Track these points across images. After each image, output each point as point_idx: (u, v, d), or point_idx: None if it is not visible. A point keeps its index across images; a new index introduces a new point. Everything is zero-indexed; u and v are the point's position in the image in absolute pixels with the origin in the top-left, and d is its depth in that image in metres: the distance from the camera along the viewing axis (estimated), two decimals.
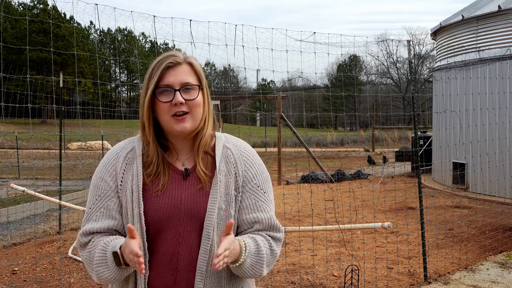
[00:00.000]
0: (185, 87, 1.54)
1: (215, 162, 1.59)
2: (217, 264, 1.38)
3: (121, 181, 1.57)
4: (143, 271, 1.37)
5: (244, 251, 1.50)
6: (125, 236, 1.56)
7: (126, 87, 66.02)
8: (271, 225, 1.62)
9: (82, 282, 5.19)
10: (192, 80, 1.56)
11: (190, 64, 1.58)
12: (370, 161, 19.33)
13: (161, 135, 1.61)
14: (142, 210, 1.52)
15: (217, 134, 1.67)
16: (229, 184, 1.58)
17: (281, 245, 1.67)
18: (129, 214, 1.54)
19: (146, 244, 1.52)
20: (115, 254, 1.45)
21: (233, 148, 1.64)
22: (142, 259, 1.36)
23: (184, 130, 1.54)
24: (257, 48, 4.86)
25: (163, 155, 1.59)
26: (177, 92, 1.52)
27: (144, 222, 1.52)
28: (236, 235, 1.64)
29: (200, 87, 1.58)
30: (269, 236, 1.61)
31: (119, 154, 1.61)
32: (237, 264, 1.50)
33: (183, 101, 1.52)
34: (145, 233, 1.52)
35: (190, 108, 1.54)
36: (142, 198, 1.53)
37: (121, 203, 1.57)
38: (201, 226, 1.54)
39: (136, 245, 1.38)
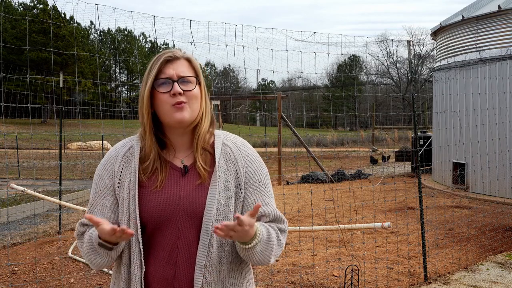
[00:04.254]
0: (182, 79, 1.58)
1: (214, 159, 1.62)
2: (224, 228, 1.40)
3: (119, 180, 1.61)
4: (129, 230, 1.43)
5: (258, 236, 1.52)
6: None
7: (126, 87, 66.03)
8: (276, 216, 1.66)
9: (82, 282, 5.19)
10: (190, 73, 1.61)
11: (188, 60, 1.63)
12: (372, 161, 19.33)
13: (160, 132, 1.64)
14: (138, 207, 1.56)
15: (216, 132, 1.70)
16: (228, 181, 1.61)
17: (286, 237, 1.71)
18: (125, 212, 1.57)
19: (141, 241, 1.56)
20: (101, 244, 1.52)
21: (232, 146, 1.68)
22: (122, 228, 1.42)
23: (183, 119, 1.57)
24: (257, 48, 4.86)
25: (160, 152, 1.62)
26: (175, 83, 1.57)
27: (139, 219, 1.56)
28: None
29: (198, 80, 1.62)
30: (277, 227, 1.65)
31: (118, 153, 1.65)
32: (247, 246, 1.52)
33: (181, 91, 1.56)
34: (140, 230, 1.55)
35: (188, 99, 1.58)
36: (137, 195, 1.57)
37: (118, 201, 1.61)
38: (200, 222, 1.56)
39: (107, 226, 1.43)
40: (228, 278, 1.61)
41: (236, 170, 1.63)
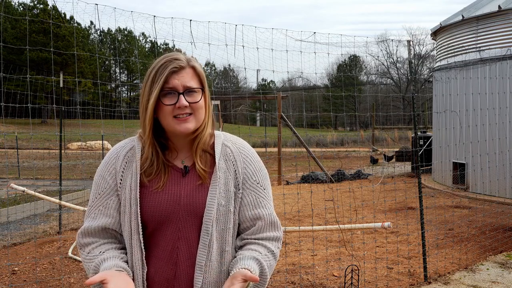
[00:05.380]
0: (188, 90, 1.57)
1: (214, 159, 1.63)
2: None
3: (121, 179, 1.60)
4: None
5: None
6: (120, 234, 1.62)
7: (126, 87, 66.03)
8: (271, 221, 1.65)
9: (82, 282, 5.19)
10: (195, 83, 1.59)
11: (193, 68, 1.61)
12: (372, 161, 19.33)
13: (162, 135, 1.64)
14: (139, 207, 1.56)
15: (216, 132, 1.70)
16: (228, 181, 1.61)
17: (281, 243, 1.70)
18: (127, 212, 1.58)
19: (142, 241, 1.56)
20: None
21: (232, 146, 1.67)
22: None
23: (187, 131, 1.57)
24: (257, 48, 4.86)
25: (162, 155, 1.62)
26: (181, 96, 1.55)
27: (140, 219, 1.56)
28: (238, 234, 1.66)
29: (203, 90, 1.61)
30: (269, 240, 1.64)
31: (119, 153, 1.64)
32: None
33: (187, 104, 1.56)
34: (141, 230, 1.56)
35: (193, 110, 1.58)
36: (139, 196, 1.57)
37: (120, 201, 1.61)
38: (200, 222, 1.57)
39: None
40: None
41: (235, 170, 1.63)
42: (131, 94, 64.42)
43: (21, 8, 53.33)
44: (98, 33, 63.05)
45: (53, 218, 9.16)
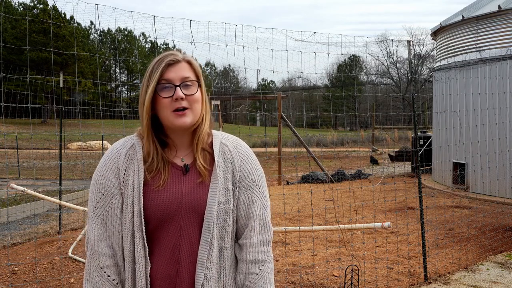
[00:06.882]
0: (184, 83, 1.60)
1: (213, 158, 1.65)
2: None
3: (123, 178, 1.61)
4: None
5: None
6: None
7: (126, 87, 66.00)
8: (263, 222, 1.68)
9: (82, 282, 5.19)
10: (191, 76, 1.62)
11: (189, 63, 1.64)
12: (372, 161, 19.33)
13: (161, 132, 1.65)
14: (142, 205, 1.57)
15: (214, 132, 1.73)
16: (227, 179, 1.64)
17: (271, 245, 1.73)
18: (128, 209, 1.58)
19: (145, 239, 1.57)
20: None
21: (229, 145, 1.70)
22: None
23: (184, 125, 1.59)
24: (257, 48, 4.86)
25: (162, 152, 1.63)
26: (178, 88, 1.58)
27: (143, 217, 1.57)
28: (237, 231, 1.68)
29: (199, 83, 1.64)
30: (260, 245, 1.67)
31: (120, 151, 1.64)
32: None
33: (183, 96, 1.58)
34: (144, 228, 1.57)
35: (190, 104, 1.60)
36: (142, 194, 1.58)
37: (123, 199, 1.61)
38: (201, 219, 1.59)
39: None
40: (228, 275, 1.65)
41: (233, 168, 1.66)
42: (131, 94, 64.39)
43: (21, 8, 53.31)
44: (98, 33, 63.05)
45: (53, 218, 9.15)
